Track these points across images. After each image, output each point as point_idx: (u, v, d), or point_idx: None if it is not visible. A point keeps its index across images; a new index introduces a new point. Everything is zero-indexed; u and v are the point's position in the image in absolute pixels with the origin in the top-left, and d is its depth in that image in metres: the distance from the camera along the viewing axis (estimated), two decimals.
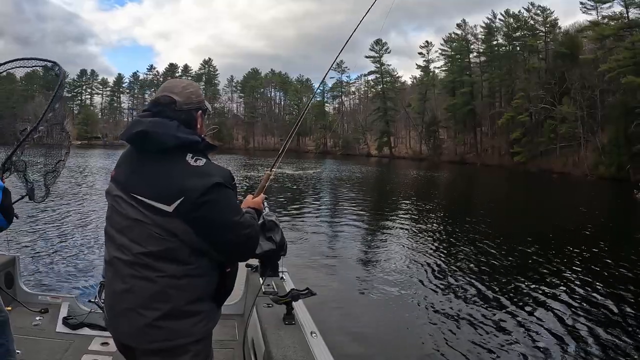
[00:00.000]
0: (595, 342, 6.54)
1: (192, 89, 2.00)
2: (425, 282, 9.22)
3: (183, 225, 1.76)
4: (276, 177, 28.44)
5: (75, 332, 3.89)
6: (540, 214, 19.72)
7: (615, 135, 41.85)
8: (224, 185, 1.81)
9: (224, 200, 1.82)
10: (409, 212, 19.38)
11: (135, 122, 1.88)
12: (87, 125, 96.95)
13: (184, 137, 1.82)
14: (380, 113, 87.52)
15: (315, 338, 2.76)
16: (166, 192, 1.77)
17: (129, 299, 1.80)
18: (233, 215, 1.85)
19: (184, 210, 1.75)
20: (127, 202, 1.84)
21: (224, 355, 3.52)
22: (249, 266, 4.21)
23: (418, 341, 6.56)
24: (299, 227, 14.55)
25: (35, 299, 4.38)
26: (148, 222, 1.79)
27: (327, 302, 7.48)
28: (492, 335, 6.68)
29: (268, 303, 3.20)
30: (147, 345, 1.81)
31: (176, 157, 1.82)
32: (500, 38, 69.45)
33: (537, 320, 7.29)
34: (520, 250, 12.01)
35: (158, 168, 1.82)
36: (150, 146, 1.82)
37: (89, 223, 13.50)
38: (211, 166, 1.84)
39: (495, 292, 8.58)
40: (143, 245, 1.78)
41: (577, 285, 9.14)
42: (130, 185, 1.86)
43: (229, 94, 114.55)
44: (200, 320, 1.86)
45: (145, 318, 1.78)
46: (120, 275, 1.83)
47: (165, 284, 1.77)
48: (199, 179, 1.76)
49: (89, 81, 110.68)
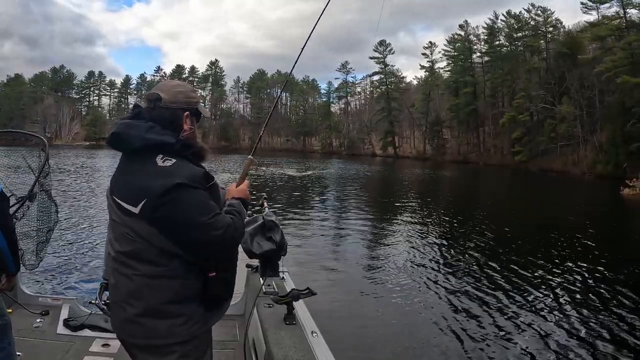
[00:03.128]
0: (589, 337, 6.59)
1: (181, 89, 2.02)
2: (427, 281, 9.16)
3: (147, 226, 1.78)
4: (277, 177, 29.02)
5: (76, 333, 3.89)
6: (532, 211, 20.31)
7: (613, 134, 42.26)
8: (187, 186, 1.77)
9: (187, 200, 1.77)
10: (410, 211, 19.36)
11: (114, 125, 1.93)
12: (96, 126, 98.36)
13: (152, 137, 1.83)
14: (385, 113, 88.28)
15: (316, 338, 2.74)
16: (133, 194, 1.80)
17: (115, 293, 1.91)
18: (198, 215, 1.79)
19: (147, 212, 1.76)
20: (110, 202, 1.93)
21: (225, 356, 3.52)
22: (249, 266, 4.16)
23: (420, 341, 6.50)
24: (300, 227, 14.52)
25: (36, 301, 4.37)
26: (120, 222, 1.85)
27: (328, 301, 7.45)
28: (493, 335, 6.63)
29: (268, 303, 3.18)
30: (130, 339, 1.88)
31: (146, 158, 1.83)
32: (502, 38, 69.90)
33: (539, 317, 7.32)
34: (514, 248, 12.24)
35: (130, 169, 1.87)
36: (122, 148, 1.89)
37: (89, 224, 13.39)
38: (179, 166, 1.82)
39: (495, 292, 8.50)
40: (120, 245, 1.86)
41: (559, 278, 9.38)
42: (112, 186, 1.93)
43: (235, 94, 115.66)
44: (183, 322, 1.85)
45: (126, 313, 1.84)
46: (110, 269, 1.93)
47: (139, 282, 1.81)
48: (161, 180, 1.75)
49: (96, 82, 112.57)
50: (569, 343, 6.36)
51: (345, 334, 6.34)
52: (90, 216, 14.61)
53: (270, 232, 2.60)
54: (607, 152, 42.94)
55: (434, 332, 6.73)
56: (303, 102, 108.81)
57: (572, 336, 6.59)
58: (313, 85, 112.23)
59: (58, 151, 58.54)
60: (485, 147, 71.52)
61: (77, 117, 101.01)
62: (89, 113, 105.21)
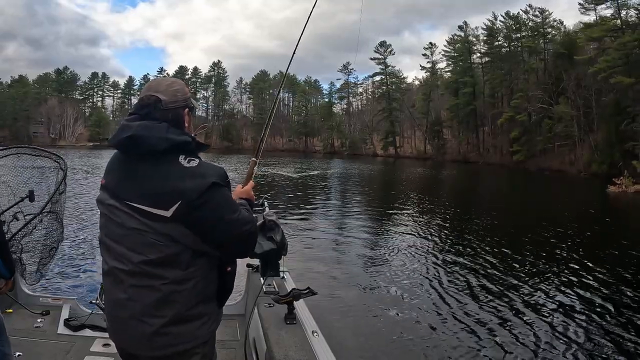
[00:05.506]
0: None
1: (177, 86, 1.95)
2: (428, 281, 9.22)
3: (182, 228, 1.75)
4: (279, 177, 29.37)
5: (77, 333, 3.89)
6: (524, 209, 21.11)
7: (608, 134, 42.69)
8: (219, 185, 1.79)
9: (222, 199, 1.80)
10: (410, 211, 19.61)
11: (123, 127, 1.83)
12: (99, 127, 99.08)
13: (175, 138, 1.79)
14: (386, 114, 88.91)
15: (317, 337, 2.74)
16: (162, 197, 1.74)
17: (132, 307, 1.78)
18: (231, 212, 1.83)
19: (182, 214, 1.73)
20: (122, 210, 1.80)
21: (226, 355, 3.53)
22: (250, 266, 4.19)
23: (420, 341, 6.51)
24: (301, 226, 14.67)
25: (37, 301, 4.36)
26: (147, 229, 1.76)
27: (329, 301, 7.50)
28: (494, 334, 6.68)
29: (269, 303, 3.20)
30: (154, 352, 1.80)
31: (169, 160, 1.78)
32: (501, 39, 70.31)
33: (533, 316, 7.46)
34: (506, 245, 12.61)
35: (151, 172, 1.78)
36: (141, 151, 1.78)
37: (90, 224, 13.23)
38: (205, 166, 1.81)
39: (495, 290, 8.64)
40: (143, 254, 1.76)
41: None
42: (124, 192, 1.82)
43: (238, 95, 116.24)
44: (204, 322, 1.87)
45: (151, 326, 1.76)
46: (121, 285, 1.80)
47: (168, 290, 1.76)
48: (195, 181, 1.74)
49: (100, 84, 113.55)
50: (567, 341, 6.48)
51: (346, 334, 6.40)
52: (91, 216, 14.41)
53: (270, 231, 2.55)
54: (602, 152, 43.39)
55: (435, 331, 6.77)
56: (305, 103, 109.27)
57: (571, 335, 6.70)
58: (315, 86, 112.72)
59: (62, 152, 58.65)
60: (484, 147, 71.90)
61: (81, 118, 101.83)
62: (93, 114, 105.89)
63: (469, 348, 6.25)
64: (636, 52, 40.41)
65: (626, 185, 28.07)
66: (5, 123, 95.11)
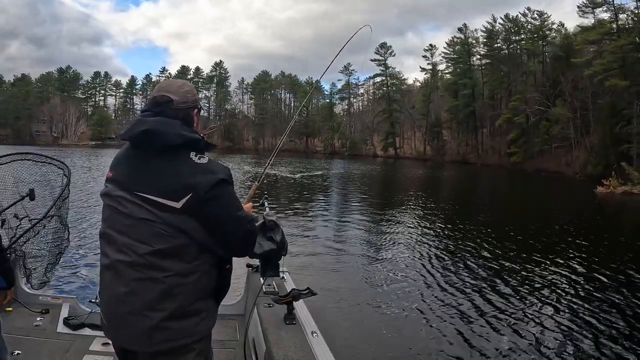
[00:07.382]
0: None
1: (187, 88, 2.03)
2: (428, 281, 9.26)
3: (191, 221, 1.80)
4: (280, 177, 29.59)
5: (76, 332, 3.90)
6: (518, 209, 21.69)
7: (603, 136, 43.08)
8: (227, 182, 1.88)
9: (229, 196, 1.89)
10: (410, 211, 19.79)
11: (138, 122, 1.90)
12: (102, 126, 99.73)
13: (188, 135, 1.87)
14: (386, 115, 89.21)
15: (316, 338, 2.75)
16: (174, 189, 1.79)
17: (132, 302, 1.79)
18: (237, 210, 1.91)
19: (192, 206, 1.78)
20: (132, 201, 1.84)
21: (225, 355, 3.52)
22: (249, 266, 4.18)
23: (421, 341, 6.56)
24: (301, 226, 14.69)
25: (36, 300, 4.33)
26: (155, 219, 1.79)
27: (329, 301, 7.54)
28: (494, 335, 6.72)
29: (269, 303, 3.20)
30: (153, 347, 1.81)
31: (181, 156, 1.85)
32: (500, 41, 70.65)
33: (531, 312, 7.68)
34: (506, 244, 12.88)
35: (164, 167, 1.84)
36: (155, 145, 1.84)
37: (90, 223, 13.30)
38: (214, 163, 1.89)
39: (494, 290, 8.72)
40: (150, 244, 1.79)
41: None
42: (134, 184, 1.85)
43: (239, 95, 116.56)
44: (203, 318, 1.90)
45: (150, 320, 1.78)
46: (123, 278, 1.81)
47: (171, 283, 1.79)
48: (205, 176, 1.81)
49: (102, 83, 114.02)
50: (566, 340, 6.63)
51: (345, 334, 6.43)
52: (91, 215, 14.39)
53: (270, 231, 2.56)
54: (597, 154, 43.74)
55: (434, 331, 6.82)
56: (306, 103, 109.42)
57: (570, 333, 6.86)
58: (316, 86, 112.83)
59: (65, 151, 59.14)
60: (483, 148, 72.31)
61: (83, 117, 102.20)
62: (95, 113, 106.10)
63: (469, 348, 6.31)
64: (632, 55, 40.76)
65: (613, 187, 28.85)
66: (8, 122, 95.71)
